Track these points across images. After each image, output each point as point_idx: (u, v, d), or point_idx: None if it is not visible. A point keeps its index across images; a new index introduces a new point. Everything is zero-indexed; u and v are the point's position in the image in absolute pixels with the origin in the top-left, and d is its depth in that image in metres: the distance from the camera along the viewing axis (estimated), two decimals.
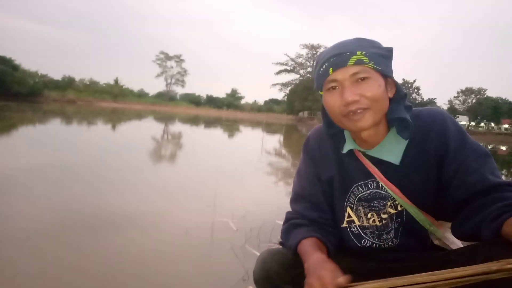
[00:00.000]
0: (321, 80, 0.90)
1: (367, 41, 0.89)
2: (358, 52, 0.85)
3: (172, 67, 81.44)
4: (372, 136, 0.94)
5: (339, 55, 0.86)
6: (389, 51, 0.90)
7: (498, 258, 0.64)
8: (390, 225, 0.97)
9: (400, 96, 0.92)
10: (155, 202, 3.27)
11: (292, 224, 1.03)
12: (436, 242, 0.98)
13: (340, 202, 1.01)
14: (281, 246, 1.05)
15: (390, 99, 0.91)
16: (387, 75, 0.89)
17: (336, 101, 0.88)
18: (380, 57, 0.87)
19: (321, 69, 0.89)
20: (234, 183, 4.66)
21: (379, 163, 0.95)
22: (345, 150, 0.99)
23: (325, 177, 1.02)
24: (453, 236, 0.93)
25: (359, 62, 0.84)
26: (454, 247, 0.95)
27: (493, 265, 0.60)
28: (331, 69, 0.86)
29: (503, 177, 0.85)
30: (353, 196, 1.00)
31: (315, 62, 0.96)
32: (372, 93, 0.85)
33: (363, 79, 0.85)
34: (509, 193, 0.79)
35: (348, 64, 0.84)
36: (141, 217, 2.77)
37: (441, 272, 0.63)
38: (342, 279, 0.75)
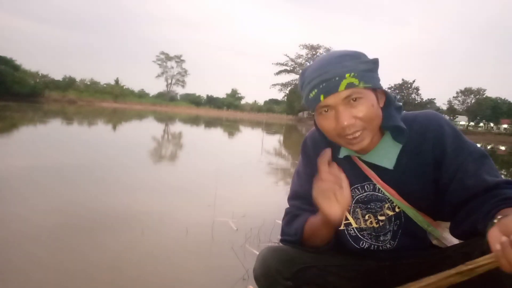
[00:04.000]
0: (312, 104, 0.89)
1: (351, 58, 0.86)
2: (347, 75, 0.84)
3: (172, 67, 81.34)
4: (367, 145, 0.94)
5: (329, 81, 0.84)
6: (375, 63, 0.89)
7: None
8: (388, 226, 0.98)
9: (390, 102, 0.93)
10: (155, 202, 3.28)
11: (293, 215, 1.05)
12: (434, 242, 0.99)
13: None
14: (281, 244, 1.07)
15: (381, 108, 0.92)
16: (376, 88, 0.89)
17: (331, 124, 0.88)
18: (367, 73, 0.86)
19: (311, 94, 0.88)
20: (234, 183, 4.66)
21: (375, 167, 0.96)
22: (341, 155, 1.00)
23: None
24: (451, 236, 0.94)
25: (350, 86, 0.84)
26: None
27: (452, 270, 0.67)
28: (322, 96, 0.85)
29: (503, 177, 0.86)
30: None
31: (300, 81, 0.94)
32: (366, 114, 0.86)
33: (356, 99, 0.85)
34: (505, 190, 0.80)
35: (339, 89, 0.84)
36: (142, 217, 2.77)
37: (411, 283, 0.73)
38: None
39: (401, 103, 0.96)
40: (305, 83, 0.91)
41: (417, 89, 56.80)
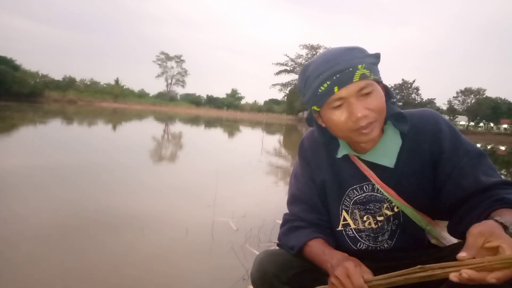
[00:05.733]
0: (323, 99, 0.86)
1: (359, 52, 0.86)
2: (360, 66, 0.83)
3: (172, 67, 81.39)
4: (369, 142, 0.94)
5: (342, 72, 0.83)
6: (378, 57, 0.89)
7: None
8: (386, 227, 0.98)
9: (389, 96, 0.93)
10: (156, 202, 3.29)
11: (292, 226, 1.03)
12: (433, 241, 0.99)
13: (335, 205, 1.02)
14: (278, 247, 1.06)
15: None
16: (380, 82, 0.89)
17: (341, 117, 0.86)
18: (374, 66, 0.87)
19: (322, 88, 0.85)
20: (234, 183, 4.67)
21: (374, 166, 0.96)
22: (339, 155, 0.99)
23: (318, 180, 1.03)
24: (449, 235, 0.95)
25: (363, 77, 0.83)
26: None
27: (417, 267, 0.69)
28: (336, 87, 0.83)
29: (502, 177, 0.86)
30: (348, 199, 1.00)
31: (303, 78, 0.91)
32: (377, 105, 0.85)
33: (367, 92, 0.84)
34: (501, 190, 0.81)
35: (354, 80, 0.82)
36: (142, 217, 2.78)
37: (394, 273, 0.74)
38: (366, 273, 0.79)
39: (394, 100, 0.95)
40: (310, 78, 0.88)
41: (417, 89, 56.84)
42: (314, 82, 0.87)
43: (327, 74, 0.84)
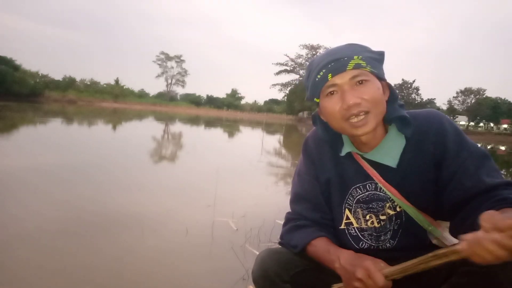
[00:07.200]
0: (318, 87, 0.90)
1: (359, 46, 0.90)
2: (355, 57, 0.86)
3: (172, 67, 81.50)
4: (370, 139, 0.94)
5: (337, 61, 0.86)
6: (381, 54, 0.91)
7: None
8: (388, 226, 0.98)
9: (394, 97, 0.93)
10: (155, 202, 3.28)
11: (295, 225, 1.03)
12: (434, 241, 0.98)
13: (338, 204, 1.02)
14: (280, 246, 1.06)
15: (386, 101, 0.92)
16: (381, 78, 0.90)
17: (336, 106, 0.88)
18: (374, 61, 0.88)
19: (318, 76, 0.89)
20: (234, 183, 4.67)
21: (377, 165, 0.95)
22: (343, 153, 0.99)
23: (322, 178, 1.03)
24: (451, 236, 0.94)
25: (357, 66, 0.85)
26: None
27: (430, 254, 0.74)
28: (330, 74, 0.87)
29: (503, 177, 0.86)
30: (351, 198, 1.00)
31: (307, 72, 0.96)
32: (372, 96, 0.86)
33: (362, 82, 0.86)
34: (504, 191, 0.80)
35: (347, 68, 0.85)
36: (142, 217, 2.77)
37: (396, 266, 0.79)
38: (383, 266, 0.82)
39: (403, 103, 0.96)
40: (312, 70, 0.92)
41: (417, 89, 56.85)
42: (313, 73, 0.91)
43: (323, 63, 0.88)
